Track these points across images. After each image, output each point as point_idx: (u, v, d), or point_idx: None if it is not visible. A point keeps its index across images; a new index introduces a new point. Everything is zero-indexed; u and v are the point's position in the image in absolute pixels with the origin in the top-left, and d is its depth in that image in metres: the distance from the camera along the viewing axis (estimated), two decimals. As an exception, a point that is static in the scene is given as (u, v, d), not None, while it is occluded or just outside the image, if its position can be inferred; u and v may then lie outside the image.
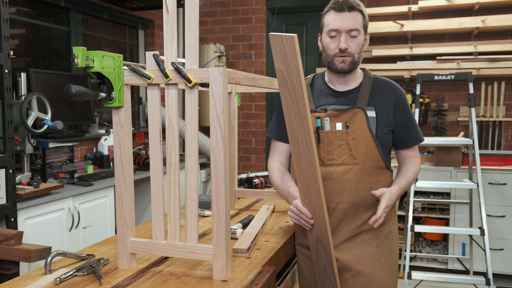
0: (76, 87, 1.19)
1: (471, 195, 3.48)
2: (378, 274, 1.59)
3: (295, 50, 1.29)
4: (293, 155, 1.46)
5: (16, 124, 2.46)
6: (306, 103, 1.34)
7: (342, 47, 1.53)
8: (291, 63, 1.31)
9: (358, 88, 1.63)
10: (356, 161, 1.57)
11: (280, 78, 1.36)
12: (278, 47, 1.32)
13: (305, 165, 1.41)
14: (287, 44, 1.29)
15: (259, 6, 4.73)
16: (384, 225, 1.63)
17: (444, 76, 3.18)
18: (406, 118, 1.65)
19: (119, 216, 1.37)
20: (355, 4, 1.53)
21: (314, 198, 1.44)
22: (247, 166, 4.79)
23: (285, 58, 1.31)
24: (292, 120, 1.39)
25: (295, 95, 1.34)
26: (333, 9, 1.55)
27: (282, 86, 1.37)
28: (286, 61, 1.32)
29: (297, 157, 1.43)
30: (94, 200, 2.91)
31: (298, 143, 1.40)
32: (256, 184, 2.69)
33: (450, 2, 3.92)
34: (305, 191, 1.46)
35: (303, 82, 1.31)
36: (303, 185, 1.45)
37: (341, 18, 1.52)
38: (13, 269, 1.67)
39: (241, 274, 1.34)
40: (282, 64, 1.33)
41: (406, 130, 1.66)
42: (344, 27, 1.52)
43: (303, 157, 1.40)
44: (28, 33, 3.34)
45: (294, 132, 1.40)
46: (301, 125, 1.37)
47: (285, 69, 1.33)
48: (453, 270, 3.78)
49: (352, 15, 1.53)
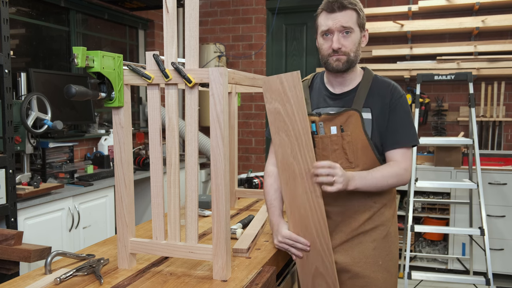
0: (76, 87, 1.19)
1: (471, 195, 3.48)
2: (376, 276, 1.58)
3: (297, 85, 1.40)
4: (285, 191, 1.46)
5: (16, 124, 2.46)
6: (309, 133, 1.40)
7: (334, 47, 1.51)
8: (291, 99, 1.40)
9: (355, 89, 1.61)
10: (352, 165, 1.56)
11: (273, 118, 1.44)
12: (273, 87, 1.42)
13: (303, 196, 1.42)
14: (287, 81, 1.40)
15: (259, 6, 4.73)
16: (381, 226, 1.61)
17: (444, 76, 3.18)
18: (394, 120, 1.56)
19: (119, 216, 1.37)
20: (347, 3, 1.51)
21: (315, 230, 1.43)
22: (247, 166, 4.79)
23: (283, 96, 1.41)
24: (287, 155, 1.44)
25: (294, 129, 1.41)
26: (325, 10, 1.54)
27: (274, 124, 1.44)
28: (283, 98, 1.41)
29: (292, 191, 1.44)
30: (94, 200, 2.91)
31: (294, 176, 1.43)
32: (256, 184, 2.69)
33: (450, 2, 3.92)
34: (299, 224, 1.46)
35: (306, 113, 1.40)
36: (296, 220, 1.45)
37: (332, 18, 1.51)
38: (13, 269, 1.67)
39: (241, 274, 1.34)
40: (277, 102, 1.42)
41: (389, 132, 1.56)
42: (336, 26, 1.51)
43: (301, 189, 1.42)
44: (28, 33, 3.34)
45: (289, 167, 1.43)
46: (301, 155, 1.41)
47: (281, 107, 1.42)
48: (453, 270, 3.78)
49: (344, 14, 1.51)
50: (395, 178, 1.52)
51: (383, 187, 1.53)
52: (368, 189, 1.49)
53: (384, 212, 1.62)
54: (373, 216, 1.60)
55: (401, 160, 1.55)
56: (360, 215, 1.59)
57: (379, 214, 1.61)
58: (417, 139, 1.60)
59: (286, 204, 1.46)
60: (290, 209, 1.45)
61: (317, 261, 1.46)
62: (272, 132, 1.45)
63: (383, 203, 1.61)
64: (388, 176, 1.51)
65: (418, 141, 1.60)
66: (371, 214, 1.59)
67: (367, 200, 1.58)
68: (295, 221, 1.45)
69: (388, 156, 1.59)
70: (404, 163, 1.55)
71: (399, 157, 1.56)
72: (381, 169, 1.52)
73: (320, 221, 1.43)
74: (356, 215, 1.59)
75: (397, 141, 1.56)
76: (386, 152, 1.59)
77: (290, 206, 1.45)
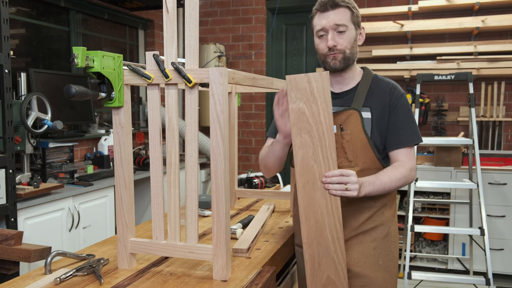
0: (76, 87, 1.19)
1: (471, 195, 3.48)
2: (376, 276, 1.58)
3: (325, 86, 1.37)
4: (302, 195, 1.42)
5: (16, 124, 2.46)
6: (333, 135, 1.38)
7: (329, 45, 1.53)
8: (318, 99, 1.38)
9: (355, 88, 1.61)
10: (352, 164, 1.56)
11: (296, 118, 1.40)
12: (299, 86, 1.39)
13: (321, 200, 1.40)
14: (315, 81, 1.38)
15: (259, 6, 4.73)
16: (381, 226, 1.61)
17: (444, 76, 3.18)
18: (395, 119, 1.57)
19: (119, 216, 1.37)
20: (339, 1, 1.53)
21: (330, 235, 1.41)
22: (247, 166, 4.79)
23: (309, 96, 1.38)
24: (307, 158, 1.40)
25: (318, 130, 1.38)
26: (318, 11, 1.56)
27: (297, 125, 1.40)
28: (310, 99, 1.38)
29: (309, 195, 1.41)
30: (94, 200, 2.91)
31: (314, 180, 1.40)
32: (256, 184, 2.69)
33: (450, 2, 3.92)
34: (313, 230, 1.43)
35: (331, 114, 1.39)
36: (311, 225, 1.42)
37: (325, 17, 1.53)
38: (13, 269, 1.68)
39: (241, 274, 1.34)
40: (303, 102, 1.39)
41: (391, 132, 1.57)
42: (330, 24, 1.52)
43: (319, 193, 1.40)
44: (28, 33, 3.34)
45: (310, 169, 1.40)
46: (322, 157, 1.38)
47: (306, 107, 1.39)
48: (453, 270, 3.78)
49: (337, 12, 1.53)
50: (402, 180, 1.53)
51: (391, 190, 1.54)
52: (376, 194, 1.50)
53: (384, 212, 1.62)
54: (373, 216, 1.60)
55: (405, 159, 1.56)
56: (360, 215, 1.59)
57: (379, 214, 1.61)
58: (420, 137, 1.61)
59: (301, 209, 1.42)
60: (305, 215, 1.42)
61: (329, 269, 1.44)
62: (294, 133, 1.41)
63: (383, 202, 1.61)
64: (395, 179, 1.52)
65: (421, 139, 1.61)
66: (371, 213, 1.59)
67: (367, 200, 1.58)
68: (310, 227, 1.42)
69: (392, 157, 1.59)
70: (409, 162, 1.56)
71: (404, 157, 1.57)
72: (388, 173, 1.52)
73: (337, 226, 1.41)
74: (356, 215, 1.59)
75: (400, 141, 1.57)
76: (390, 152, 1.59)
77: (305, 212, 1.42)
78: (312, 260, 1.44)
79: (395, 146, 1.57)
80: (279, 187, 2.86)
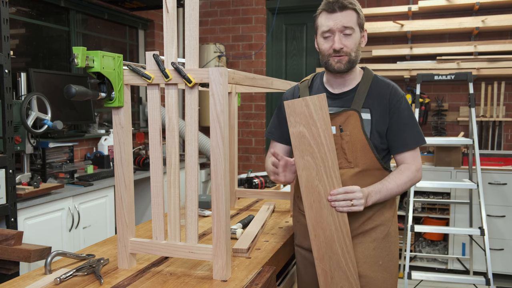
0: (76, 87, 1.19)
1: (471, 195, 3.48)
2: (376, 276, 1.58)
3: (323, 107, 1.39)
4: (309, 214, 1.45)
5: (16, 124, 2.46)
6: (335, 154, 1.41)
7: (336, 47, 1.52)
8: (317, 122, 1.40)
9: (354, 89, 1.61)
10: (351, 164, 1.56)
11: (297, 141, 1.42)
12: (297, 111, 1.41)
13: (328, 218, 1.43)
14: (313, 104, 1.40)
15: (259, 6, 4.73)
16: (381, 226, 1.61)
17: (444, 76, 3.18)
18: (398, 122, 1.57)
19: (119, 216, 1.37)
20: (347, 3, 1.51)
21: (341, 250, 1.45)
22: (247, 166, 4.79)
23: (308, 119, 1.40)
24: (311, 178, 1.43)
25: (320, 151, 1.41)
26: (325, 11, 1.54)
27: (299, 148, 1.43)
28: (309, 121, 1.40)
29: (317, 213, 1.44)
30: (94, 200, 2.91)
31: (320, 198, 1.43)
32: (256, 184, 2.69)
33: (450, 2, 3.92)
34: (324, 246, 1.46)
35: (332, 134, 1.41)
36: (321, 242, 1.46)
37: (333, 18, 1.51)
38: (13, 269, 1.68)
39: (241, 274, 1.34)
40: (302, 126, 1.41)
41: (395, 135, 1.58)
42: (337, 26, 1.51)
43: (326, 210, 1.43)
44: (28, 33, 3.34)
45: (315, 189, 1.43)
46: (326, 177, 1.42)
47: (306, 130, 1.41)
48: (453, 270, 3.78)
49: (344, 14, 1.51)
50: (408, 183, 1.57)
51: (398, 194, 1.58)
52: (384, 200, 1.55)
53: (384, 212, 1.62)
54: (373, 216, 1.60)
55: (411, 161, 1.59)
56: (360, 215, 1.58)
57: (379, 214, 1.61)
58: (424, 138, 1.62)
59: (310, 227, 1.46)
60: (314, 232, 1.45)
61: (342, 281, 1.47)
62: (296, 155, 1.44)
63: (383, 203, 1.61)
64: (401, 184, 1.55)
65: (425, 140, 1.63)
66: (371, 214, 1.59)
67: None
68: (320, 243, 1.45)
69: (398, 159, 1.62)
70: (415, 164, 1.59)
71: (409, 159, 1.59)
72: (395, 179, 1.55)
73: (346, 240, 1.44)
74: (356, 215, 1.58)
75: (405, 144, 1.58)
76: (396, 155, 1.62)
77: (314, 230, 1.45)
78: (325, 274, 1.47)
79: (401, 149, 1.59)
80: (279, 187, 2.86)
